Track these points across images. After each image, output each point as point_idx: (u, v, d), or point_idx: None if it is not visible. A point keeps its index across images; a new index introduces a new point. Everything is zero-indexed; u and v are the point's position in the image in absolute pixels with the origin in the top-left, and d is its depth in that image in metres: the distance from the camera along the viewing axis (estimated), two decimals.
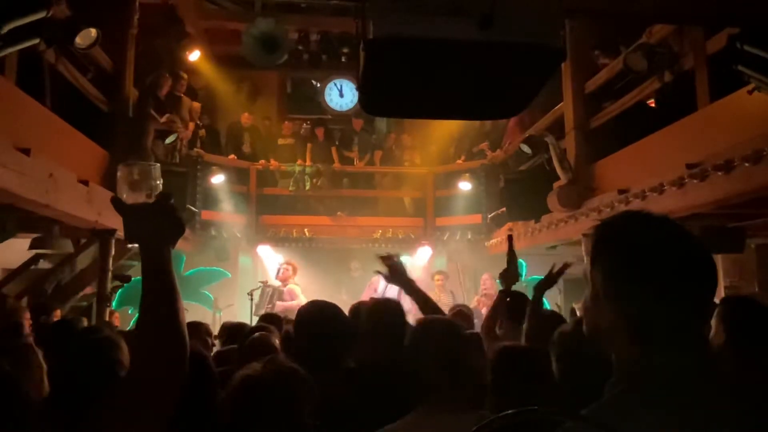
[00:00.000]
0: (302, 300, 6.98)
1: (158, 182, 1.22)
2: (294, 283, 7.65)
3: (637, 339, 0.97)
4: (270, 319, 3.60)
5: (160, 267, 1.15)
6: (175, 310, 1.13)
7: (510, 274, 3.15)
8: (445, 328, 1.91)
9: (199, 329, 3.31)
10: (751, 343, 2.28)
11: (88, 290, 6.19)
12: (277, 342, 2.79)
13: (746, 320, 2.37)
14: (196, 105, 8.59)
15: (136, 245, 1.18)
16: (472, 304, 6.64)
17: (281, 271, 7.78)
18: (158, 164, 1.28)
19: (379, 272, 2.73)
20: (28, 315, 3.51)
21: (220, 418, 1.58)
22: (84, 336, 2.20)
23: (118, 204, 1.19)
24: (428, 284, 8.00)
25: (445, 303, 7.47)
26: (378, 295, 6.19)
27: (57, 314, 4.77)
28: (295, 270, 7.78)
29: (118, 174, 1.21)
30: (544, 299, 8.05)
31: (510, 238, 3.15)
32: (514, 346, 2.21)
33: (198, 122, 8.40)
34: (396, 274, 2.69)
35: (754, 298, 2.67)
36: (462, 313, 4.02)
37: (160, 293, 1.14)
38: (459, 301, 7.09)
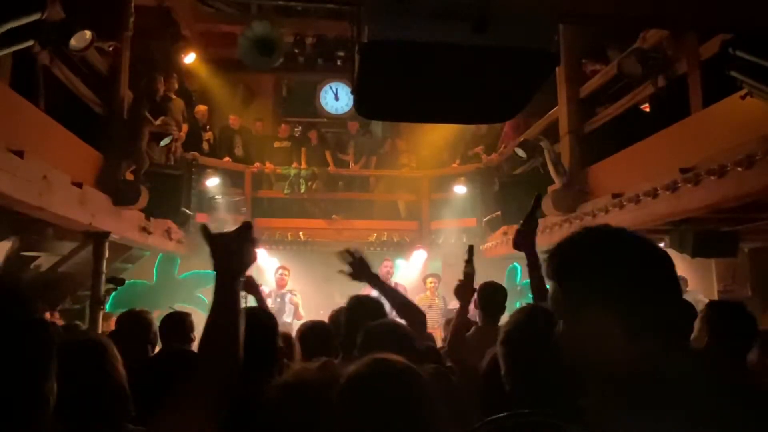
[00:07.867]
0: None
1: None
2: (294, 294, 7.62)
3: (632, 337, 0.99)
4: None
5: (230, 298, 1.27)
6: (235, 339, 1.25)
7: (466, 288, 2.86)
8: None
9: (184, 323, 3.34)
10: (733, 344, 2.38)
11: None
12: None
13: (730, 323, 2.45)
14: (202, 108, 8.61)
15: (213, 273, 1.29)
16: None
17: (277, 277, 7.75)
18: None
19: (341, 271, 2.63)
20: None
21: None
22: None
23: (205, 231, 1.32)
24: (421, 287, 7.99)
25: (437, 307, 7.45)
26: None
27: (47, 317, 4.75)
28: (288, 273, 7.76)
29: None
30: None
31: (470, 248, 2.94)
32: None
33: (207, 126, 8.43)
34: (359, 269, 2.61)
35: (739, 303, 2.73)
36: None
37: (224, 323, 1.25)
38: (450, 305, 7.05)
